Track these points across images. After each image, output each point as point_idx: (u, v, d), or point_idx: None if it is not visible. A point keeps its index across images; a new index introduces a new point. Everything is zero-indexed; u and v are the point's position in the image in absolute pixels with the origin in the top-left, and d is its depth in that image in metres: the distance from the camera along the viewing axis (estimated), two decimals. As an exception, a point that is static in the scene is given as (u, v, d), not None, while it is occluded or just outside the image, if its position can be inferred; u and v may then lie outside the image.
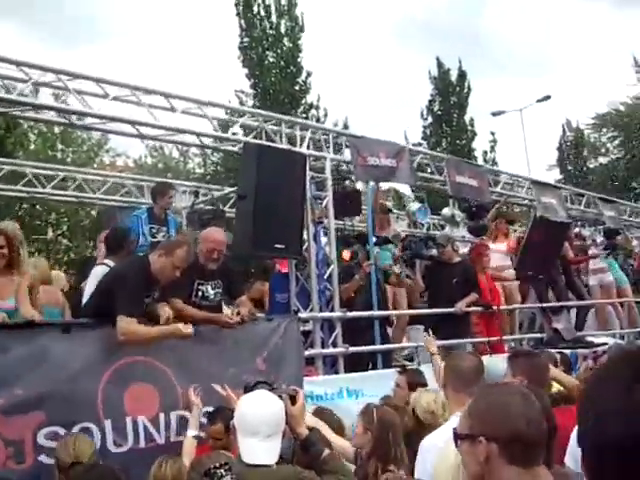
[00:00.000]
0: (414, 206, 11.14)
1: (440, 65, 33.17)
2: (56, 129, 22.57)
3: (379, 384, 8.10)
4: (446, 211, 11.30)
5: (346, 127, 28.73)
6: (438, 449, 3.33)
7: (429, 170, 10.08)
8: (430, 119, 33.17)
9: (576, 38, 68.87)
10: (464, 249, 12.48)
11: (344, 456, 4.34)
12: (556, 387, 5.94)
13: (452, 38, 64.64)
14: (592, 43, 70.48)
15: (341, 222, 9.93)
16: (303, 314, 8.02)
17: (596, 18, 67.85)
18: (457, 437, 2.36)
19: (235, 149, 8.47)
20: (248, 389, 3.82)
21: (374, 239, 9.20)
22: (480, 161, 31.43)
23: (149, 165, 31.71)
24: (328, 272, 8.44)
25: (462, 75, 33.10)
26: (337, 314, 8.33)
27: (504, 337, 10.50)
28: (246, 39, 28.70)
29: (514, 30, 69.03)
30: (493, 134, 33.46)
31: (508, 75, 68.56)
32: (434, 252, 10.18)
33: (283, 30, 29.11)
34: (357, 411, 4.83)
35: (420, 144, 31.92)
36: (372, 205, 9.53)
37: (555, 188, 12.04)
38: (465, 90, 33.11)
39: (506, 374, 4.40)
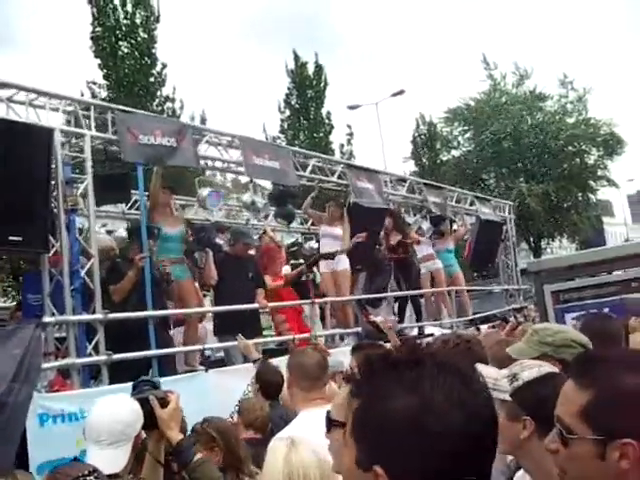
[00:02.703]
0: (205, 191, 9.65)
1: (297, 58, 32.09)
2: None
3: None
4: (246, 197, 9.86)
5: (203, 120, 27.25)
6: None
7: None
8: (288, 112, 32.07)
9: (428, 35, 69.79)
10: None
11: None
12: None
13: (308, 32, 64.08)
14: (441, 41, 71.63)
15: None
16: (48, 318, 6.42)
17: (447, 16, 68.93)
18: (330, 422, 2.30)
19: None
20: (132, 387, 3.51)
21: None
22: (337, 154, 30.62)
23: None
24: (87, 267, 6.86)
25: (319, 68, 32.17)
26: (96, 316, 6.78)
27: (320, 333, 9.24)
28: (98, 28, 26.63)
29: (367, 26, 69.16)
30: (350, 127, 33.06)
31: (363, 70, 68.48)
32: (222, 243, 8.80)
33: (138, 20, 27.27)
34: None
35: (278, 137, 31.31)
36: (153, 190, 7.96)
37: (372, 172, 10.81)
38: (322, 83, 32.17)
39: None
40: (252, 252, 8.97)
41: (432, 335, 10.07)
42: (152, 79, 27.59)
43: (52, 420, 6.09)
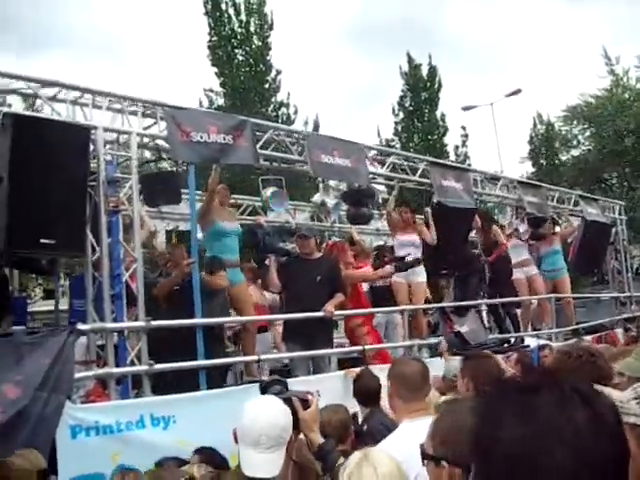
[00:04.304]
0: (269, 190, 8.88)
1: (410, 60, 31.15)
2: None
3: (200, 408, 6.10)
4: (316, 197, 9.05)
5: (317, 125, 26.83)
6: None
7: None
8: (402, 115, 31.17)
9: (538, 34, 66.62)
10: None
11: None
12: None
13: (418, 35, 62.64)
14: (555, 38, 68.14)
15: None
16: (82, 325, 5.88)
17: (553, 15, 65.73)
18: (423, 456, 2.06)
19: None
20: (262, 388, 3.52)
21: (200, 234, 6.95)
22: (452, 156, 29.46)
23: None
24: (129, 272, 6.30)
25: (432, 70, 31.15)
26: (137, 324, 6.21)
27: (389, 344, 8.37)
28: (215, 38, 26.90)
29: (477, 28, 66.81)
30: (464, 129, 31.70)
31: (476, 72, 66.16)
32: (291, 247, 8.02)
33: (252, 28, 27.40)
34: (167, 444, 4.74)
35: (392, 140, 30.45)
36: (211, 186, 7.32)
37: (460, 170, 9.77)
38: (436, 85, 31.10)
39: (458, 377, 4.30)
40: (319, 254, 8.08)
41: (528, 347, 9.04)
42: (267, 85, 27.70)
43: (85, 432, 5.53)
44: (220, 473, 3.83)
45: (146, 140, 6.85)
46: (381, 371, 5.46)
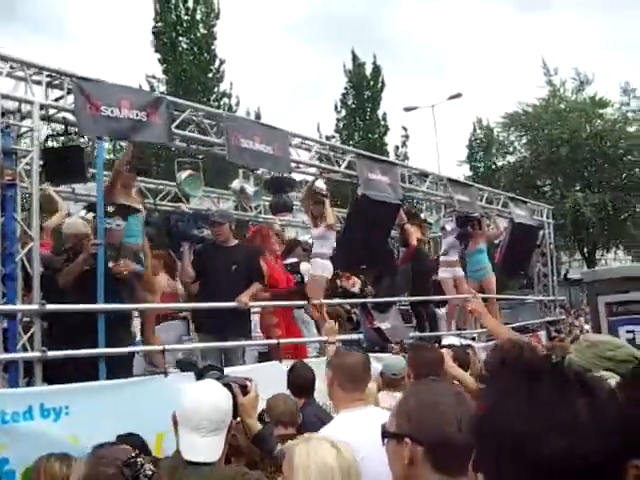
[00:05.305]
0: (184, 174, 8.43)
1: (355, 58, 31.03)
2: None
3: (95, 399, 5.62)
4: (235, 183, 8.64)
5: (258, 117, 26.37)
6: None
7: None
8: (344, 112, 31.13)
9: (484, 40, 67.56)
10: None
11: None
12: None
13: (363, 33, 62.72)
14: (501, 45, 69.35)
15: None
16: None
17: (502, 22, 66.75)
18: (384, 435, 2.01)
19: None
20: (197, 374, 3.45)
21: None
22: (392, 156, 29.39)
23: None
24: (24, 251, 5.77)
25: (376, 69, 31.19)
26: (29, 306, 5.70)
27: (303, 340, 8.01)
28: (160, 23, 26.25)
29: (422, 30, 67.37)
30: (405, 129, 32.08)
31: (419, 73, 66.62)
32: (206, 233, 7.57)
33: (199, 16, 26.88)
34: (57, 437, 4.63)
35: (333, 137, 30.21)
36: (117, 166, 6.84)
37: (388, 164, 9.46)
38: (379, 84, 31.10)
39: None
40: (235, 241, 7.63)
41: (452, 346, 8.80)
42: (210, 75, 27.22)
43: (-34, 422, 5.03)
44: (156, 458, 3.65)
45: (52, 112, 6.30)
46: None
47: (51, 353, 5.69)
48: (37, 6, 48.83)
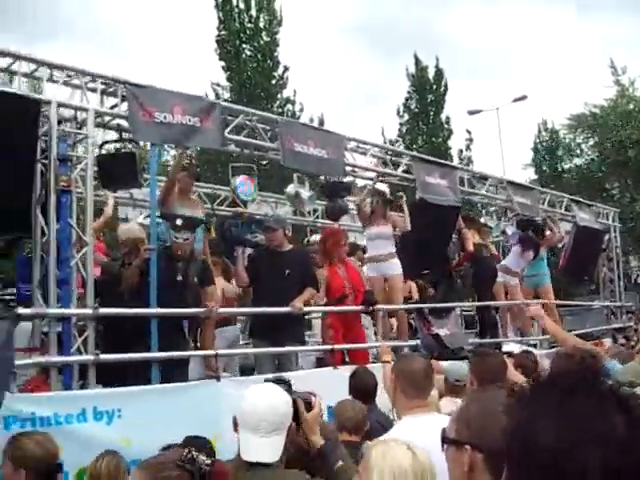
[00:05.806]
0: (238, 179, 8.37)
1: (417, 62, 30.70)
2: None
3: (148, 403, 5.63)
4: (290, 188, 8.54)
5: (322, 123, 26.34)
6: None
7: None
8: (407, 116, 30.82)
9: (548, 40, 65.73)
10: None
11: None
12: None
13: (425, 36, 61.90)
14: (566, 45, 67.32)
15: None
16: (23, 310, 5.42)
17: (566, 22, 64.82)
18: (443, 440, 1.97)
19: None
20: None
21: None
22: (455, 159, 28.94)
23: None
24: (78, 256, 5.82)
25: (439, 73, 30.82)
26: (83, 311, 5.74)
27: (359, 345, 7.86)
28: (223, 32, 26.53)
29: (483, 32, 66.07)
30: (469, 132, 31.39)
31: (482, 76, 65.22)
32: (260, 238, 7.49)
33: (262, 24, 27.05)
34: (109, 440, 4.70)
35: (397, 141, 29.95)
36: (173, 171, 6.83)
37: (446, 167, 9.25)
38: (442, 88, 30.70)
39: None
40: (290, 246, 7.53)
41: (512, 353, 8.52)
42: (273, 82, 27.34)
43: (20, 424, 5.04)
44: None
45: (107, 119, 6.35)
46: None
47: (104, 356, 5.74)
48: (97, 19, 49.91)
